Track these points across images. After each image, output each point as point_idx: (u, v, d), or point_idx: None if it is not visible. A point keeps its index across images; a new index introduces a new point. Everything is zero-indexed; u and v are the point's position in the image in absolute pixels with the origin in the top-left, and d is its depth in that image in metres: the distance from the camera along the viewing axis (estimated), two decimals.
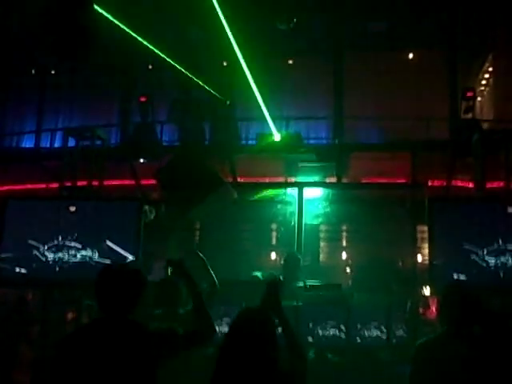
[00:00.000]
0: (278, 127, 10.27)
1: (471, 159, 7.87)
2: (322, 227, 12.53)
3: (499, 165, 7.81)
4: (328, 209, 10.80)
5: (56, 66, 13.03)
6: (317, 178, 10.14)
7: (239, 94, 10.32)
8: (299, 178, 10.14)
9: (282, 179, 10.57)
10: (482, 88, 13.19)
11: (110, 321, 3.45)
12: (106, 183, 8.60)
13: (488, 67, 12.89)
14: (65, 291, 7.24)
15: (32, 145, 12.91)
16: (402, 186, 10.32)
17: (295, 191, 9.77)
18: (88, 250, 6.85)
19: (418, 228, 9.73)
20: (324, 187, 10.22)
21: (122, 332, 3.40)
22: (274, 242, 12.92)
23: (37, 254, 6.88)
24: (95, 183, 8.12)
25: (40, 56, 12.60)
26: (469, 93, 9.48)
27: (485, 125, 10.93)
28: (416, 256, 10.29)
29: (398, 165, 10.34)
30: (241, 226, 11.54)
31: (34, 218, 7.06)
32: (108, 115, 12.44)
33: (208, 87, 10.95)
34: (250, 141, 11.75)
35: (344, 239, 13.68)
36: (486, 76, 13.08)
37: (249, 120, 11.33)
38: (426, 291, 8.85)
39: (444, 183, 9.44)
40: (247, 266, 9.98)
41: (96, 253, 6.84)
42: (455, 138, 9.30)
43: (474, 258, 6.40)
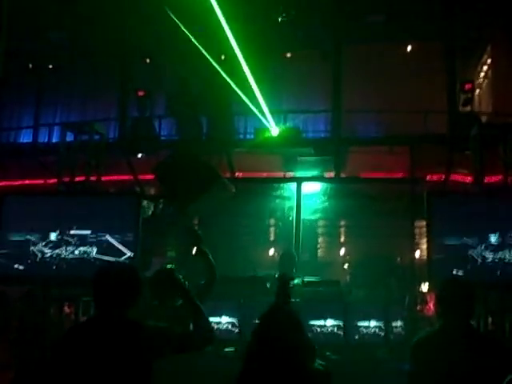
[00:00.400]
0: (276, 121, 10.24)
1: (469, 153, 7.83)
2: (320, 222, 12.53)
3: (498, 158, 7.78)
4: (326, 203, 10.79)
5: (53, 61, 12.98)
6: (315, 173, 10.14)
7: (237, 88, 10.27)
8: (297, 173, 10.13)
9: (281, 174, 10.56)
10: (481, 80, 13.15)
11: (106, 319, 3.46)
12: (104, 178, 8.57)
13: (486, 59, 12.84)
14: (63, 288, 7.22)
15: (30, 140, 12.88)
16: (401, 181, 10.31)
17: (294, 186, 9.78)
18: (86, 246, 6.83)
19: (416, 223, 9.73)
20: (322, 182, 10.22)
21: (118, 330, 3.40)
22: (273, 238, 12.92)
23: (34, 251, 6.85)
24: (93, 178, 8.09)
25: (37, 50, 12.58)
26: (467, 85, 9.46)
27: (483, 118, 10.91)
28: (414, 252, 10.29)
29: (397, 159, 10.33)
30: (239, 222, 11.53)
31: (32, 214, 7.02)
32: (106, 110, 12.40)
33: (205, 81, 10.93)
34: (248, 135, 11.72)
35: (342, 235, 13.67)
36: (485, 68, 13.03)
37: (247, 114, 11.29)
38: (424, 287, 8.86)
39: (442, 177, 9.43)
40: (245, 262, 9.99)
41: (94, 249, 6.82)
42: (453, 132, 9.28)
43: (473, 253, 6.38)
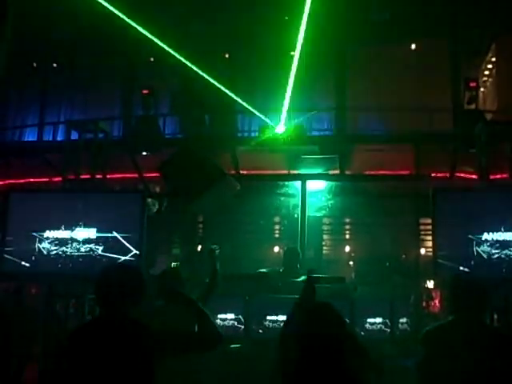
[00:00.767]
0: (279, 120, 10.24)
1: (474, 151, 7.82)
2: (325, 220, 12.53)
3: (503, 156, 7.77)
4: (331, 201, 10.79)
5: (58, 60, 13.01)
6: (320, 171, 10.13)
7: (241, 86, 10.29)
8: (302, 171, 10.12)
9: (285, 172, 10.55)
10: (485, 78, 13.13)
11: (110, 320, 3.45)
12: (109, 176, 8.59)
13: (491, 57, 12.82)
14: (68, 285, 7.24)
15: (34, 138, 12.89)
16: (406, 178, 10.30)
17: (298, 184, 9.78)
18: (91, 244, 6.84)
19: (421, 220, 9.72)
20: (327, 179, 10.21)
21: (121, 331, 3.39)
22: (278, 235, 12.93)
23: (40, 248, 6.87)
24: (98, 176, 8.10)
25: (42, 49, 12.61)
26: (472, 83, 9.44)
27: (488, 115, 10.89)
28: (419, 248, 10.29)
29: (402, 157, 10.32)
30: (244, 219, 11.54)
31: (37, 212, 7.04)
32: (110, 108, 12.42)
33: (210, 79, 10.93)
34: (253, 133, 11.72)
35: (347, 232, 13.68)
36: (489, 66, 13.01)
37: (251, 112, 11.30)
38: (430, 284, 8.86)
39: (447, 175, 9.41)
40: (250, 259, 10.00)
41: (99, 246, 6.83)
42: (458, 130, 9.27)
43: (478, 250, 6.37)
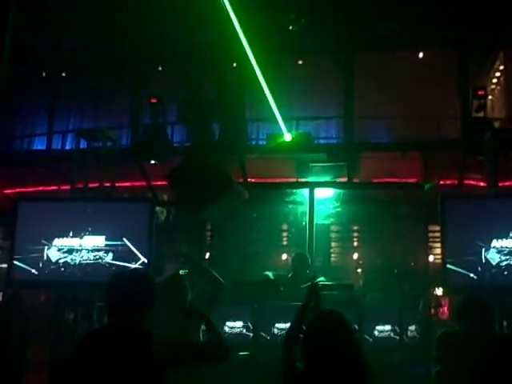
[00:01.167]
0: (289, 127, 10.25)
1: (483, 158, 7.81)
2: (333, 227, 12.52)
3: (511, 164, 7.76)
4: (339, 209, 10.78)
5: (67, 69, 13.08)
6: (328, 178, 10.12)
7: (249, 95, 10.31)
8: (310, 178, 10.12)
9: (293, 179, 10.56)
10: (493, 86, 13.12)
11: (117, 329, 3.40)
12: (118, 185, 8.61)
13: (499, 65, 12.82)
14: (77, 292, 7.26)
15: (43, 147, 12.95)
16: (414, 186, 10.28)
17: (306, 191, 9.77)
18: (100, 252, 6.86)
19: (430, 228, 9.70)
20: (335, 187, 10.20)
21: (128, 342, 3.32)
22: (286, 243, 12.92)
23: (49, 256, 6.90)
24: (107, 184, 8.13)
25: (51, 58, 12.67)
26: (480, 91, 9.43)
27: (496, 123, 10.87)
28: (428, 256, 10.26)
29: (410, 164, 10.31)
30: (252, 227, 11.55)
31: (46, 220, 7.08)
32: (119, 117, 12.46)
33: (218, 88, 10.98)
34: (261, 141, 11.74)
35: (355, 239, 13.65)
36: (498, 74, 13.01)
37: (259, 120, 11.32)
38: (439, 291, 8.83)
39: (456, 182, 9.39)
40: (258, 267, 9.98)
41: (108, 254, 6.85)
42: (467, 137, 9.26)
43: (487, 257, 6.35)
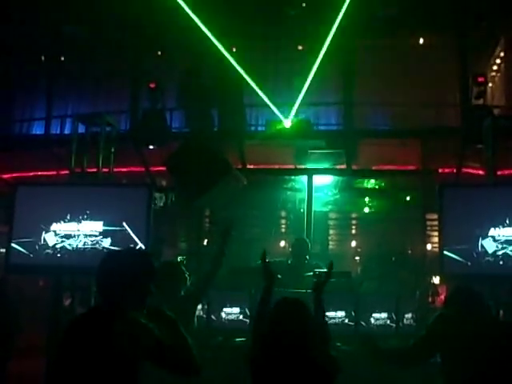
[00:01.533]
0: (288, 114, 10.23)
1: (482, 147, 7.80)
2: (332, 215, 12.53)
3: (510, 152, 7.75)
4: (337, 196, 10.79)
5: (66, 53, 13.03)
6: (326, 165, 10.12)
7: (249, 80, 10.27)
8: (309, 165, 10.12)
9: (292, 166, 10.55)
10: (494, 74, 13.08)
11: (102, 312, 3.15)
12: (116, 170, 8.61)
13: (500, 52, 12.77)
14: (74, 277, 7.27)
15: (42, 131, 12.93)
16: (412, 173, 10.28)
17: (305, 178, 9.78)
18: (98, 237, 6.87)
19: (428, 216, 9.71)
20: (333, 174, 10.20)
21: (108, 327, 3.03)
22: (284, 230, 12.94)
23: (47, 240, 6.91)
24: (105, 170, 8.12)
25: (50, 42, 12.63)
26: (480, 78, 9.39)
27: (496, 111, 10.85)
28: (425, 244, 10.27)
29: (409, 152, 10.29)
30: (250, 213, 11.55)
31: (44, 205, 7.07)
32: (118, 102, 12.42)
33: (217, 73, 10.93)
34: (260, 127, 11.72)
35: (353, 227, 13.67)
36: (498, 61, 12.96)
37: (258, 106, 11.29)
38: (436, 279, 8.85)
39: (454, 170, 9.39)
40: (256, 253, 9.99)
41: (105, 239, 6.86)
42: (466, 125, 9.24)
43: (484, 246, 6.37)
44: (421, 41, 12.72)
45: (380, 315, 6.39)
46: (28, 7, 11.21)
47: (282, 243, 12.66)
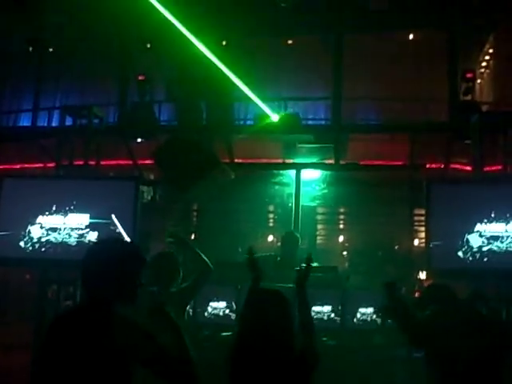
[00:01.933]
0: (276, 108, 10.21)
1: (470, 142, 7.82)
2: (320, 209, 12.54)
3: (498, 148, 7.77)
4: (325, 191, 10.79)
5: (54, 44, 12.93)
6: (315, 160, 10.11)
7: (238, 74, 10.23)
8: (297, 160, 10.11)
9: (280, 160, 10.54)
10: (482, 70, 13.11)
11: (90, 308, 2.94)
12: (103, 163, 8.57)
13: (489, 49, 12.80)
14: (60, 271, 7.24)
15: (29, 123, 12.85)
16: (400, 168, 10.30)
17: (293, 173, 9.76)
18: (84, 230, 6.83)
19: (415, 211, 9.74)
20: (322, 169, 10.19)
21: (98, 325, 2.86)
22: (272, 224, 12.94)
23: (32, 234, 6.86)
24: (92, 162, 8.08)
25: (38, 34, 12.52)
26: (468, 74, 9.41)
27: (485, 107, 10.88)
28: (413, 239, 10.30)
29: (397, 147, 10.32)
30: (238, 207, 11.53)
31: (30, 197, 7.03)
32: (106, 94, 12.37)
33: (206, 67, 10.88)
34: (248, 121, 11.69)
35: (341, 222, 13.70)
36: (487, 58, 12.99)
37: (247, 100, 11.26)
38: (422, 275, 8.89)
39: (442, 166, 9.41)
40: (244, 248, 9.98)
41: (92, 232, 6.82)
42: (454, 120, 9.26)
43: (471, 241, 6.38)
44: (410, 36, 12.74)
45: (366, 310, 6.40)
46: None
47: (270, 238, 12.67)
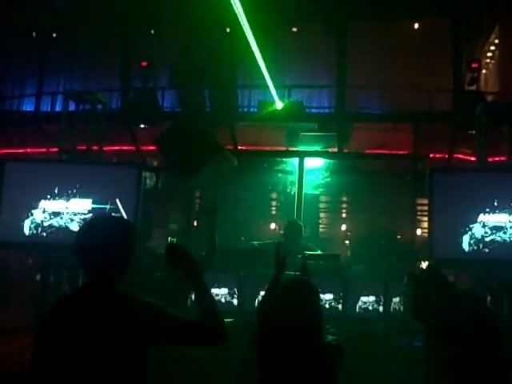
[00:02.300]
0: (280, 95, 10.18)
1: (474, 133, 7.79)
2: (322, 198, 12.53)
3: (502, 138, 7.74)
4: (328, 179, 10.77)
5: (57, 29, 12.90)
6: (318, 148, 10.09)
7: (241, 61, 10.20)
8: (300, 148, 10.09)
9: (283, 148, 10.52)
10: (488, 60, 13.06)
11: (94, 292, 2.79)
12: (106, 148, 8.55)
13: (494, 39, 12.74)
14: (62, 256, 7.24)
15: (32, 108, 12.83)
16: (403, 157, 10.28)
17: (296, 160, 9.74)
18: (87, 215, 6.83)
19: (418, 201, 9.72)
20: (325, 157, 10.18)
21: (107, 307, 2.72)
22: (274, 212, 12.94)
23: (35, 218, 6.86)
24: (95, 148, 8.06)
25: (41, 18, 12.49)
26: (474, 64, 9.38)
27: (489, 97, 10.84)
28: (415, 229, 10.29)
29: (401, 136, 10.30)
30: (240, 195, 11.53)
31: (33, 182, 7.02)
32: (109, 80, 12.33)
33: (210, 53, 10.86)
34: (252, 109, 11.66)
35: (344, 210, 13.69)
36: (492, 48, 12.94)
37: (251, 88, 11.24)
38: (424, 265, 8.87)
39: (446, 156, 9.39)
40: (246, 235, 9.98)
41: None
42: (458, 110, 9.23)
43: (473, 232, 6.37)
44: (416, 25, 12.67)
45: (368, 298, 6.40)
46: None
47: (273, 225, 12.66)
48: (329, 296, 6.36)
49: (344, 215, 13.83)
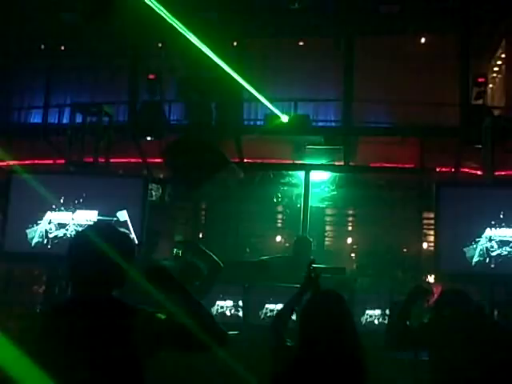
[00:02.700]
0: (287, 109, 10.21)
1: (480, 147, 7.78)
2: (328, 211, 12.52)
3: (508, 153, 7.74)
4: (334, 192, 10.77)
5: (65, 42, 12.97)
6: (324, 161, 10.10)
7: (248, 75, 10.24)
8: (306, 161, 10.10)
9: (289, 161, 10.53)
10: (494, 75, 13.05)
11: (88, 301, 2.64)
12: (113, 160, 8.57)
13: (501, 54, 12.74)
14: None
15: (40, 120, 12.88)
16: (410, 171, 10.26)
17: (302, 174, 9.76)
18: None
19: (424, 214, 9.71)
20: (331, 170, 10.19)
21: (104, 316, 2.61)
22: (280, 225, 12.93)
23: (41, 229, 6.88)
24: (101, 160, 8.09)
25: (50, 31, 12.57)
26: (480, 78, 9.38)
27: (496, 112, 10.83)
28: (421, 242, 10.27)
29: (407, 150, 10.29)
30: (246, 208, 11.52)
31: (39, 194, 7.03)
32: (116, 92, 12.37)
33: (217, 67, 10.89)
34: (258, 122, 11.68)
35: (350, 224, 13.67)
36: (499, 63, 12.93)
37: (257, 101, 11.26)
38: (430, 278, 8.84)
39: (452, 170, 9.37)
40: (252, 248, 9.99)
41: None
42: (465, 125, 9.22)
43: (480, 245, 6.35)
44: (422, 40, 12.69)
45: (373, 312, 6.37)
46: None
47: (278, 238, 12.65)
48: None
49: (350, 228, 13.81)
